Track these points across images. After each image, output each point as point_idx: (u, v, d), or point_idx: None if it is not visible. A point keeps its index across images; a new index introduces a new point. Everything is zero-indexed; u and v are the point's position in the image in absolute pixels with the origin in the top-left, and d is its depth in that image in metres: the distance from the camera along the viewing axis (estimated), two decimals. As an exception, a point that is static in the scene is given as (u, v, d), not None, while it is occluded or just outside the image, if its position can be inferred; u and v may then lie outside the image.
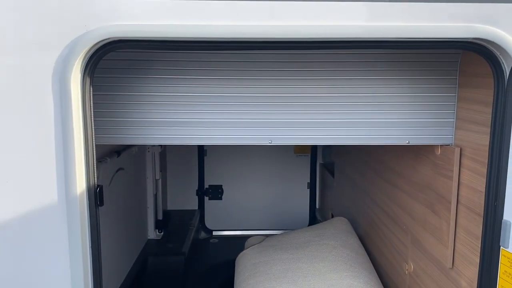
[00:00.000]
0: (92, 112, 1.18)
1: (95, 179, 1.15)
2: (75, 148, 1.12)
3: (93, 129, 1.18)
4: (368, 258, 2.22)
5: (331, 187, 3.58)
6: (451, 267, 1.46)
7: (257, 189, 4.12)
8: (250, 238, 2.68)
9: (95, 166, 1.15)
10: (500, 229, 1.03)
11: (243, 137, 1.47)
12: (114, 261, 2.43)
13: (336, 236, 2.37)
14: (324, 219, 3.52)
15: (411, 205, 1.78)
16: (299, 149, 4.07)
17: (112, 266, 2.38)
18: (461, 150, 1.42)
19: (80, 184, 1.12)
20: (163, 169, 3.64)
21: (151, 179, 3.26)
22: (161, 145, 3.34)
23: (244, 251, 2.47)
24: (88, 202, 1.13)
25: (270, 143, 1.47)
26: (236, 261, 2.46)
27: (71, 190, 1.11)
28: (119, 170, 2.52)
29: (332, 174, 3.49)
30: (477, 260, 1.31)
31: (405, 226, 1.85)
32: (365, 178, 2.50)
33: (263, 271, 2.10)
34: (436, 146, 1.54)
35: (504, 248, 1.02)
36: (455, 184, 1.43)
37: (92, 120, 1.18)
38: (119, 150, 2.43)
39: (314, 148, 4.07)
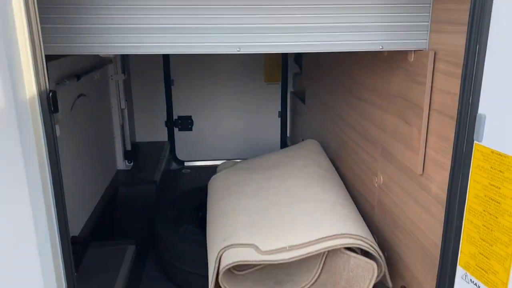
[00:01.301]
0: (37, 14, 1.05)
1: (47, 83, 1.05)
2: (21, 53, 1.01)
3: (39, 33, 1.06)
4: (338, 176, 2.23)
5: (302, 115, 3.55)
6: (421, 173, 1.47)
7: (227, 119, 4.06)
8: (222, 163, 2.65)
9: (45, 70, 1.05)
10: (474, 123, 1.01)
11: (208, 44, 1.37)
12: (82, 190, 2.37)
13: (307, 156, 2.37)
14: (295, 145, 3.52)
15: (382, 118, 1.76)
16: (270, 78, 3.99)
17: (80, 194, 2.32)
18: (435, 54, 1.38)
19: (30, 89, 1.02)
20: (128, 98, 3.51)
21: (116, 109, 3.14)
22: (124, 72, 3.18)
23: (216, 174, 2.45)
24: (40, 108, 1.03)
25: (238, 51, 1.38)
26: (208, 185, 2.45)
27: (20, 95, 1.00)
28: (80, 96, 2.39)
29: (303, 101, 3.45)
30: (449, 163, 1.31)
31: (376, 140, 1.85)
32: (337, 100, 2.47)
33: (236, 191, 2.09)
34: (410, 52, 1.49)
35: (477, 142, 1.01)
36: (428, 89, 1.40)
37: (38, 24, 1.06)
38: (78, 74, 2.29)
39: (284, 77, 3.99)
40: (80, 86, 2.37)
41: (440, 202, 1.36)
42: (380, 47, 1.42)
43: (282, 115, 4.08)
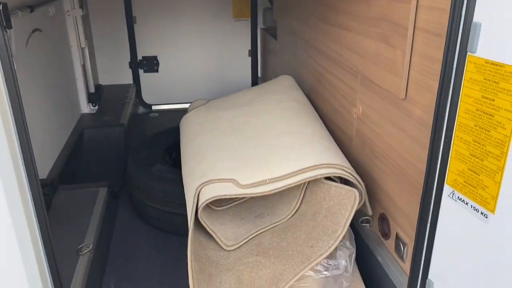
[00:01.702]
0: None
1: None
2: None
3: None
4: (314, 110, 2.18)
5: (274, 52, 3.44)
6: (404, 98, 1.43)
7: (195, 59, 3.90)
8: (194, 102, 2.55)
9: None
10: (468, 33, 0.96)
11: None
12: (45, 133, 2.23)
13: (282, 91, 2.30)
14: (267, 84, 3.43)
15: (362, 44, 1.69)
16: (238, 13, 3.80)
17: (43, 137, 2.19)
18: (421, -32, 1.29)
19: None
20: (88, 37, 3.28)
21: (76, 48, 2.93)
22: (82, 8, 2.94)
23: (188, 113, 2.35)
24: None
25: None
26: (180, 124, 2.35)
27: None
28: (35, 31, 2.19)
29: (275, 38, 3.33)
30: (434, 83, 1.27)
31: (355, 68, 1.78)
32: (311, 31, 2.37)
33: (210, 128, 2.01)
34: (394, -31, 1.40)
35: (470, 53, 0.96)
36: (413, 7, 1.33)
37: None
38: (31, 5, 2.08)
39: (254, 12, 3.82)
40: (34, 20, 2.16)
41: (424, 125, 1.33)
42: (363, -39, 1.32)
43: (253, 53, 3.94)
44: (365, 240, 1.74)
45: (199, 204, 1.56)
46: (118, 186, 2.49)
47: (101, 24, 3.56)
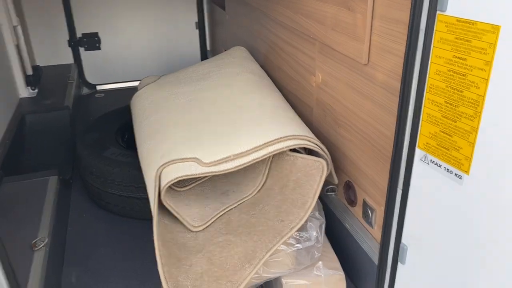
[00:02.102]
0: None
1: None
2: None
3: None
4: (271, 82, 2.13)
5: (223, 23, 3.32)
6: (366, 63, 1.41)
7: (139, 34, 3.69)
8: (144, 79, 2.41)
9: None
10: (438, -9, 0.93)
11: None
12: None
13: (237, 63, 2.22)
14: (218, 57, 3.32)
15: (320, 9, 1.64)
16: (182, -17, 3.63)
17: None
18: None
19: None
20: (20, 14, 3.00)
21: (7, 26, 2.67)
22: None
23: (139, 91, 2.22)
24: None
25: None
26: (131, 104, 2.22)
27: None
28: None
29: (223, 8, 3.21)
30: (397, 46, 1.25)
31: (313, 36, 1.74)
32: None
33: (166, 106, 1.90)
34: None
35: (440, 12, 0.94)
36: (373, -32, 1.29)
37: None
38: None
39: (199, -19, 3.66)
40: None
41: (388, 89, 1.32)
42: None
43: (200, 26, 3.80)
44: (331, 209, 1.74)
45: (162, 187, 1.48)
46: (69, 173, 2.33)
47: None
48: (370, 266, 1.52)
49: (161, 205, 1.53)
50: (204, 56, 3.90)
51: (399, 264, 1.24)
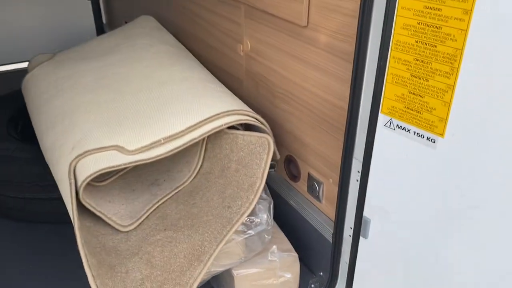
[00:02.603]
0: None
1: None
2: None
3: None
4: (190, 53, 1.92)
5: (120, -8, 2.97)
6: (305, 25, 1.28)
7: (24, 8, 3.17)
8: (34, 57, 2.03)
9: None
10: None
11: None
12: None
13: (148, 34, 1.96)
14: (119, 31, 2.98)
15: (244, -32, 1.47)
16: None
17: None
18: None
19: None
20: None
21: None
22: None
23: (31, 72, 1.86)
24: None
25: None
26: (23, 88, 1.86)
27: None
28: None
29: (118, -26, 2.86)
30: (344, 3, 1.13)
31: (237, -2, 1.56)
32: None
33: (69, 86, 1.61)
34: None
35: (409, -43, 0.83)
36: None
37: None
38: None
39: None
40: None
41: (333, 52, 1.21)
42: None
43: (93, -4, 3.37)
44: (272, 186, 1.62)
45: (79, 184, 1.23)
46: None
47: None
48: (320, 242, 1.44)
49: (79, 205, 1.28)
50: (101, 30, 3.49)
51: (361, 238, 1.16)
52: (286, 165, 1.59)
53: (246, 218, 1.25)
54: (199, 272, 1.14)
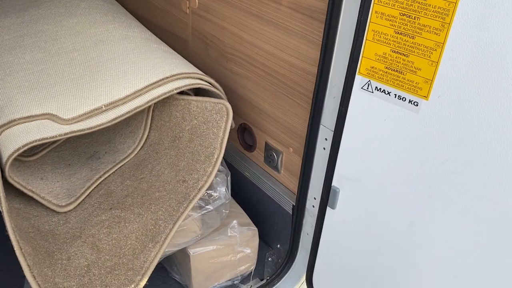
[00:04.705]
0: None
1: None
2: None
3: None
4: (125, 10, 1.71)
5: None
6: (266, -22, 1.15)
7: None
8: None
9: None
10: None
11: None
12: None
13: (76, -13, 1.71)
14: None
15: None
16: None
17: None
18: None
19: None
20: None
21: None
22: None
23: None
24: None
25: None
26: None
27: None
28: None
29: None
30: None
31: None
32: None
33: (-17, 44, 1.35)
34: None
35: None
36: None
37: None
38: None
39: None
40: None
41: (298, 9, 1.10)
42: None
43: None
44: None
45: (4, 160, 1.03)
46: None
47: None
48: (279, 214, 1.37)
49: (5, 184, 1.09)
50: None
51: (328, 209, 1.11)
52: (240, 134, 1.48)
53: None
54: (154, 254, 1.02)
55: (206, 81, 1.23)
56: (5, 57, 1.28)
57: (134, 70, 1.18)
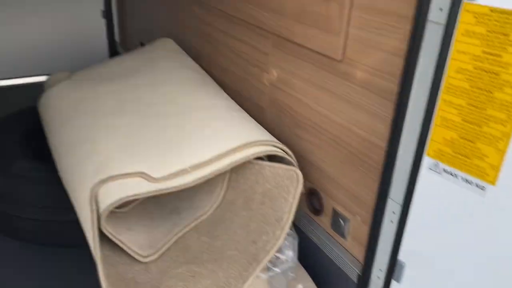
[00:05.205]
0: None
1: None
2: None
3: None
4: (212, 79, 1.90)
5: (136, 9, 2.97)
6: (340, 59, 1.26)
7: (35, 23, 3.16)
8: (52, 76, 2.01)
9: None
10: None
11: None
12: None
13: (170, 57, 1.94)
14: (134, 50, 2.97)
15: (277, -2, 1.46)
16: (86, -34, 3.18)
17: None
18: None
19: None
20: None
21: None
22: None
23: (48, 91, 1.83)
24: None
25: None
26: (40, 105, 1.83)
27: None
28: None
29: (136, -5, 2.87)
30: (383, 40, 1.12)
31: (266, 27, 1.55)
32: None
33: (92, 109, 1.57)
34: None
35: (468, 1, 0.81)
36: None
37: None
38: None
39: (104, -35, 3.24)
40: None
41: (370, 89, 1.18)
42: None
43: (107, 14, 3.37)
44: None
45: (101, 210, 1.18)
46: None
47: None
48: (343, 282, 1.39)
49: (99, 232, 1.23)
50: (113, 48, 3.49)
51: (393, 282, 1.12)
52: (308, 198, 1.55)
53: (272, 255, 1.20)
54: (224, 311, 1.09)
55: (280, 148, 1.33)
56: (109, 120, 1.48)
57: (217, 136, 1.32)
